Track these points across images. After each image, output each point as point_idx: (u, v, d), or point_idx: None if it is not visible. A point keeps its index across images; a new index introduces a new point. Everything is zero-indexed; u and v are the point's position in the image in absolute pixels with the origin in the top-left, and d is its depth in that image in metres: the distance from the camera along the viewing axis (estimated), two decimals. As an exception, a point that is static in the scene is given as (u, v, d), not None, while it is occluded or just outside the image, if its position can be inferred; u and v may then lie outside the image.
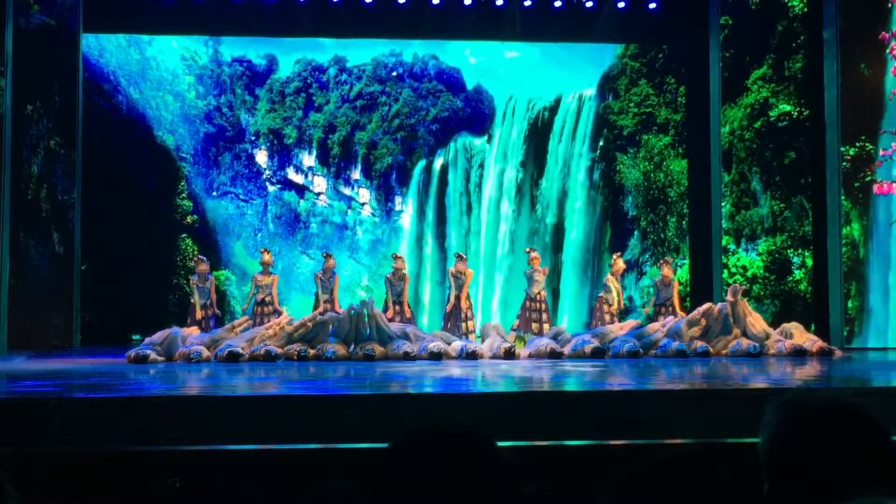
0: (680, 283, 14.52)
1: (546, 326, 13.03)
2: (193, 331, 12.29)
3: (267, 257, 13.33)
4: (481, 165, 16.74)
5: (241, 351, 10.87)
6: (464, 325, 12.98)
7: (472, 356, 11.11)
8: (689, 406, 6.77)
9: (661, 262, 14.05)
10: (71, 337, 13.89)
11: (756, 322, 12.05)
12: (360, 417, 6.37)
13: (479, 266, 16.43)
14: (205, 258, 13.66)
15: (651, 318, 13.48)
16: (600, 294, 13.70)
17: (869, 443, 1.80)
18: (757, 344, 11.53)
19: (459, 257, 13.54)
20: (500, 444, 1.83)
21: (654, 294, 13.87)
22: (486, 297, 16.55)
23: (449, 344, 11.67)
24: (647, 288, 16.51)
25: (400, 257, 13.70)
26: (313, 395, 7.26)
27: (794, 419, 1.85)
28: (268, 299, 13.09)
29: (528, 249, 13.95)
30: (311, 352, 11.16)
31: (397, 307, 13.09)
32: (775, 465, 1.86)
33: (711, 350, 11.49)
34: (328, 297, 13.20)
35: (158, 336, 11.41)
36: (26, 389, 7.64)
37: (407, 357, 11.14)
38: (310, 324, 11.61)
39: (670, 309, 13.33)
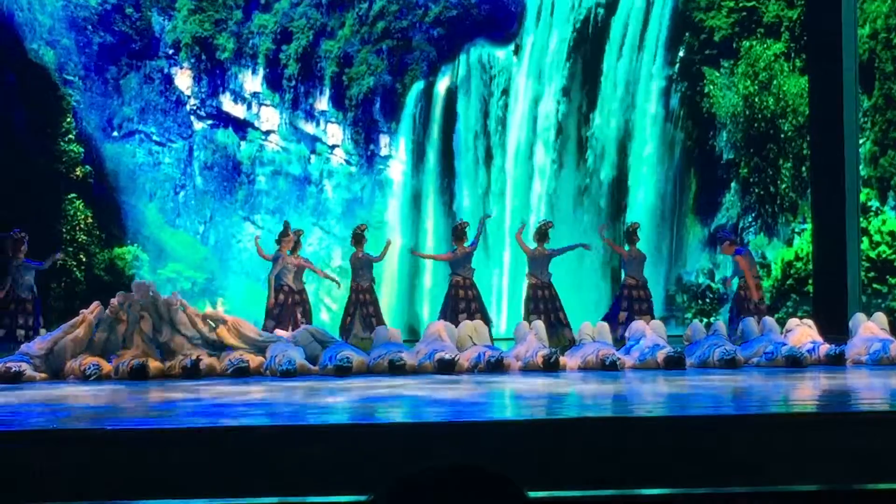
0: (798, 258, 13.72)
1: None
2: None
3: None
4: (506, 90, 15.22)
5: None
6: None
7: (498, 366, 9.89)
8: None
9: None
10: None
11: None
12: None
13: (502, 240, 14.71)
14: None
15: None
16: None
17: None
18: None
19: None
20: (532, 494, 1.76)
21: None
22: (515, 286, 14.66)
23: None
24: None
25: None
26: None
27: None
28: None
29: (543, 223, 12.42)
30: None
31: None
32: None
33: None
34: (288, 286, 11.46)
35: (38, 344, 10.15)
36: None
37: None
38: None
39: None
